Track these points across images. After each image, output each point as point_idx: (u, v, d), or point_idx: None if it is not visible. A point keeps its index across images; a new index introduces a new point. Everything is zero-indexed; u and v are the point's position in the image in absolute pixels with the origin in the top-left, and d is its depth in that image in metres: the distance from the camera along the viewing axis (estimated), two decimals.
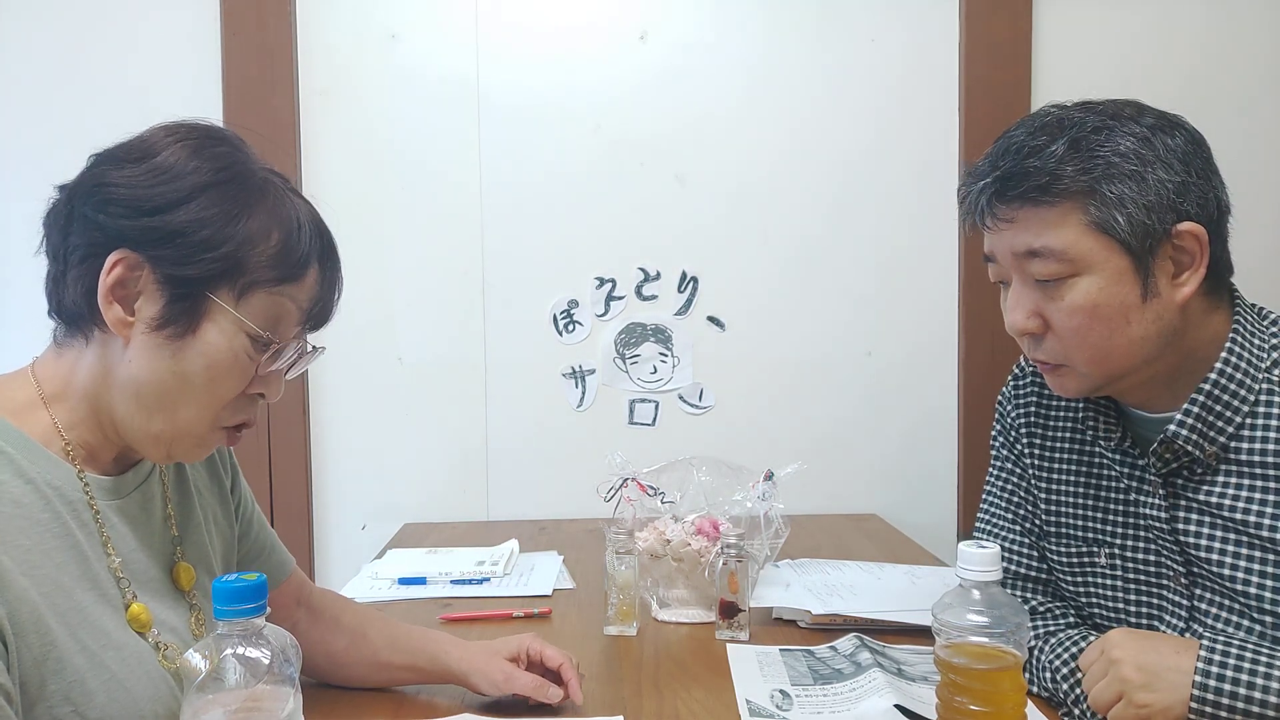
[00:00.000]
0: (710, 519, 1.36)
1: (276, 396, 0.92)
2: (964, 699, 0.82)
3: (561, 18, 2.00)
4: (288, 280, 0.87)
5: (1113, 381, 1.00)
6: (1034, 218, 0.96)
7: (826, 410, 2.07)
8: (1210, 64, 2.04)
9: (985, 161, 1.00)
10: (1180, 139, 0.95)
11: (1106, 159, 0.93)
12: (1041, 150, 0.95)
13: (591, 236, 2.03)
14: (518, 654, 1.06)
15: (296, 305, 0.89)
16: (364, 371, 2.03)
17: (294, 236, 0.87)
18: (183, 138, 0.86)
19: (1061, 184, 0.94)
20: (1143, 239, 0.93)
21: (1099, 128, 0.95)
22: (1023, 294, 1.00)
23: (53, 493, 0.82)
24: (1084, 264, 0.95)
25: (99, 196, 0.83)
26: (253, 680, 0.69)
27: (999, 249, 1.00)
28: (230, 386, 0.87)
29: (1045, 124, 0.97)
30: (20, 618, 0.76)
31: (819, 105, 2.03)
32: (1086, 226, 0.94)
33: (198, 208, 0.83)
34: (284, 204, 0.88)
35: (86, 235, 0.83)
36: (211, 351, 0.85)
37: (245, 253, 0.84)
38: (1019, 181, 0.96)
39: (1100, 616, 1.10)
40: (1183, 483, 1.01)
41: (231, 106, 1.96)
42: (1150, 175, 0.93)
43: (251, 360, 0.87)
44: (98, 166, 0.86)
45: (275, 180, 0.90)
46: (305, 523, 2.02)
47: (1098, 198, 0.93)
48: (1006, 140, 0.99)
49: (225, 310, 0.84)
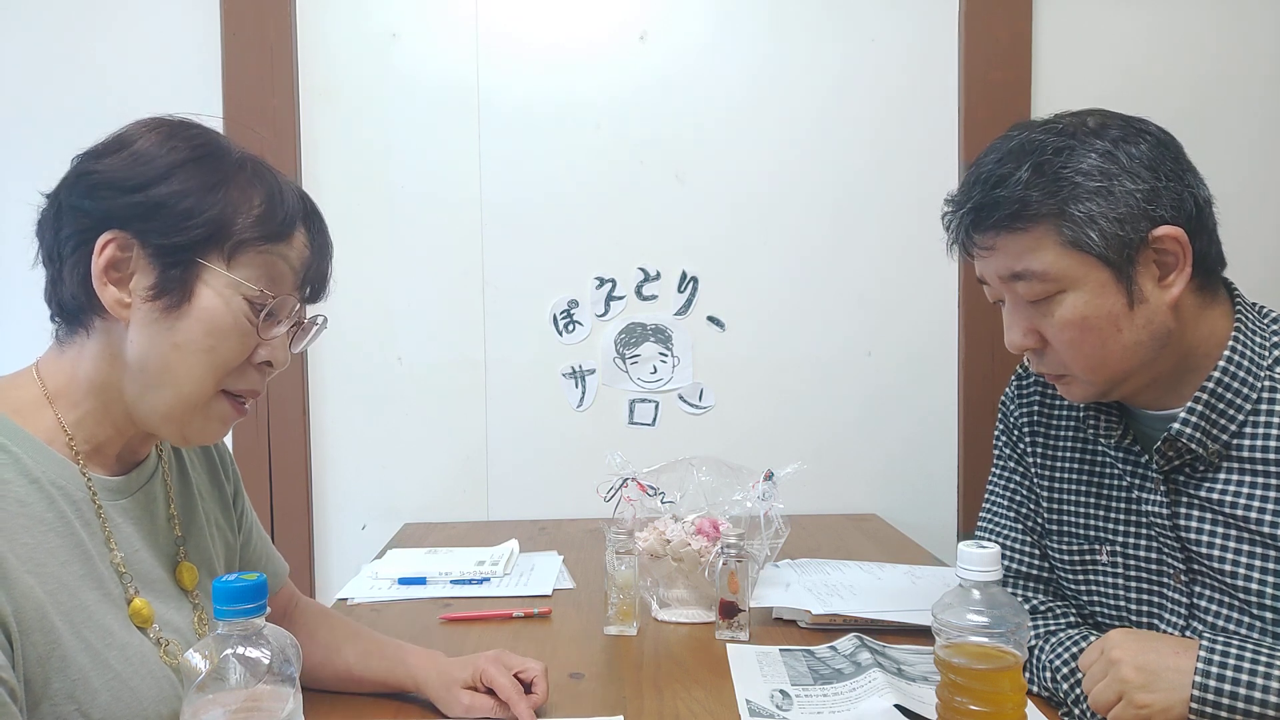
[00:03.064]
0: (710, 519, 1.36)
1: (284, 365, 0.92)
2: (964, 699, 0.83)
3: (562, 17, 2.00)
4: (275, 239, 0.89)
5: (1116, 386, 1.01)
6: (1011, 244, 0.98)
7: (827, 410, 2.07)
8: (1210, 64, 2.04)
9: (960, 191, 1.03)
10: (1145, 145, 0.96)
11: (1070, 180, 0.94)
12: (1007, 179, 0.96)
13: (591, 236, 2.03)
14: (474, 681, 1.04)
15: (288, 264, 0.90)
16: (364, 371, 2.03)
17: (276, 198, 0.89)
18: (157, 126, 0.89)
19: (1030, 210, 0.95)
20: (1119, 250, 0.94)
21: (1060, 148, 0.96)
22: (1016, 313, 1.02)
23: (57, 492, 0.83)
24: (1067, 281, 0.96)
25: (83, 184, 0.86)
26: (253, 680, 0.69)
27: (987, 274, 1.03)
28: (231, 351, 0.87)
29: (1010, 150, 0.98)
30: (25, 615, 0.76)
31: (819, 105, 2.03)
32: (1062, 246, 0.95)
33: (178, 181, 0.85)
34: (264, 173, 0.90)
35: (75, 224, 0.85)
36: (208, 316, 0.86)
37: (229, 216, 0.86)
38: (990, 211, 0.97)
39: (1101, 614, 1.11)
40: (1184, 480, 1.02)
41: (231, 106, 1.96)
42: (1117, 188, 0.94)
43: (251, 323, 0.88)
44: (80, 163, 0.88)
45: (254, 158, 0.92)
46: (305, 523, 2.02)
47: (1068, 218, 0.94)
48: (977, 169, 1.01)
49: (218, 273, 0.86)
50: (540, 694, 1.04)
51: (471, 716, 1.03)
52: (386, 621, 1.36)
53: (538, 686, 1.04)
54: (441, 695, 1.05)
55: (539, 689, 1.04)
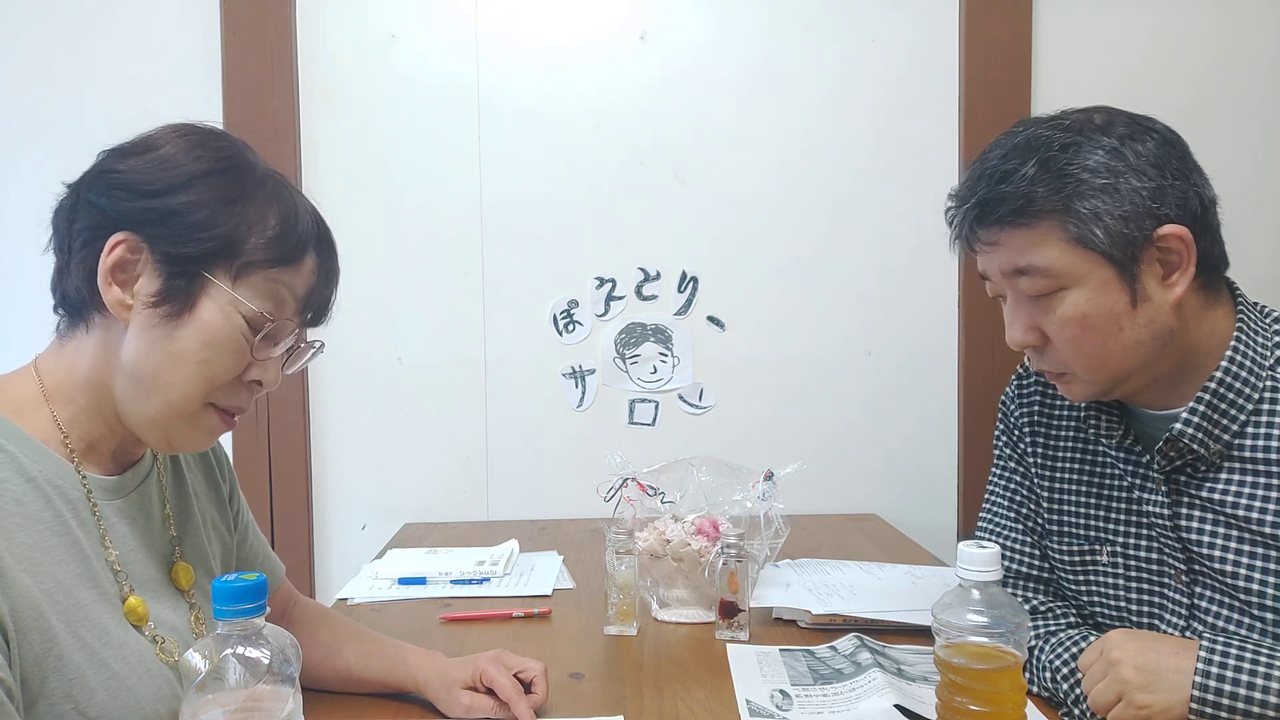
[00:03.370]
0: (710, 519, 1.36)
1: (274, 385, 0.92)
2: (964, 699, 0.82)
3: (561, 18, 2.00)
4: (283, 264, 0.88)
5: (1117, 385, 1.01)
6: (1015, 239, 0.97)
7: (827, 410, 2.07)
8: (1210, 64, 2.04)
9: (965, 186, 1.02)
10: (1152, 143, 0.96)
11: (1076, 176, 0.94)
12: (1013, 174, 0.96)
13: (591, 236, 2.03)
14: (474, 681, 1.04)
15: (292, 293, 0.90)
16: (364, 371, 2.03)
17: (291, 222, 0.89)
18: (187, 134, 0.89)
19: (1035, 205, 0.95)
20: (1124, 248, 0.94)
21: (1067, 144, 0.96)
22: (1018, 309, 1.02)
23: (53, 491, 0.83)
24: (1070, 278, 0.96)
25: (104, 182, 0.86)
26: (253, 680, 0.69)
27: (990, 269, 1.03)
28: (225, 365, 0.87)
29: (1016, 145, 0.98)
30: (21, 614, 0.76)
31: (819, 105, 2.03)
32: (1066, 243, 0.95)
33: (197, 191, 0.85)
34: (284, 194, 0.90)
35: (90, 219, 0.85)
36: (207, 329, 0.86)
37: (242, 234, 0.86)
38: (995, 207, 0.97)
39: (1101, 615, 1.11)
40: (1186, 480, 1.02)
41: (231, 106, 1.96)
42: (1123, 185, 0.94)
43: (247, 341, 0.88)
44: (105, 160, 0.88)
45: (277, 175, 0.92)
46: (305, 523, 2.02)
47: (1073, 214, 0.94)
48: (982, 164, 1.01)
49: (221, 290, 0.86)
50: (540, 694, 1.04)
51: (471, 717, 1.03)
52: (386, 621, 1.36)
53: (537, 686, 1.04)
54: (441, 696, 1.05)
55: (539, 689, 1.04)
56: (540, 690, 1.04)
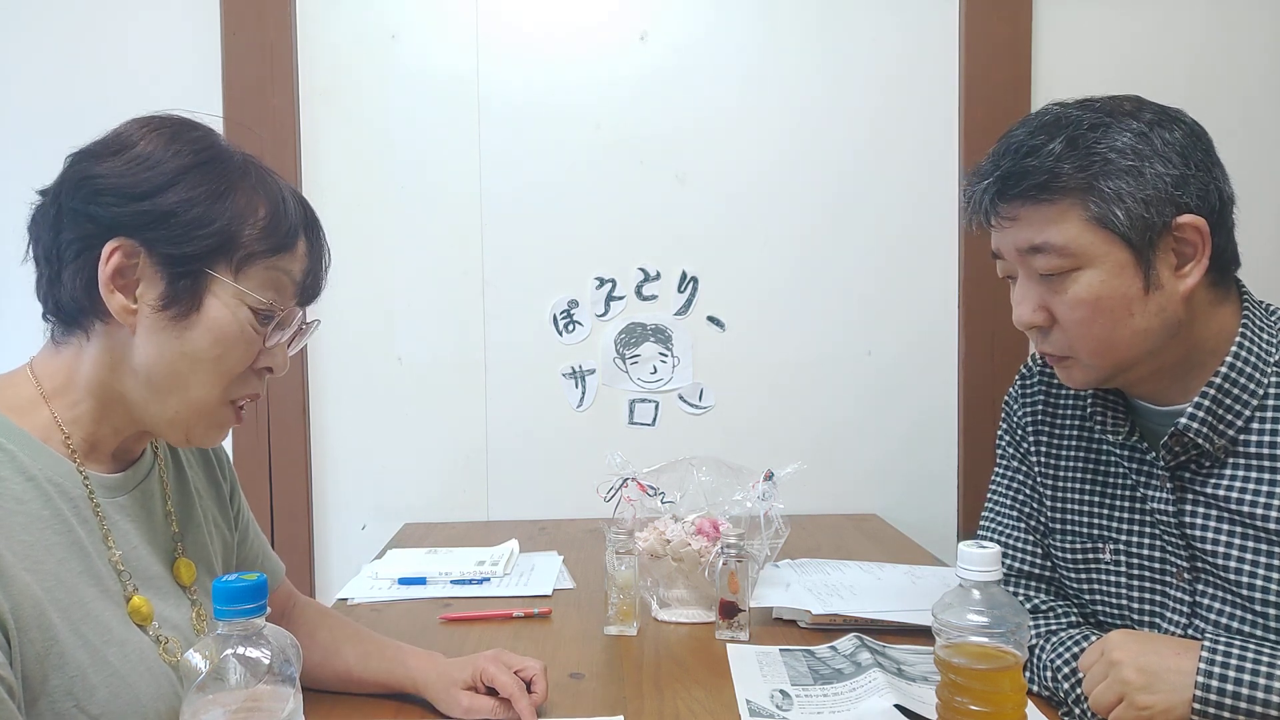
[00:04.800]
0: (710, 519, 1.36)
1: (283, 370, 0.94)
2: (964, 699, 0.82)
3: (562, 17, 2.00)
4: (280, 251, 0.89)
5: (1119, 372, 1.01)
6: (1035, 215, 0.97)
7: (826, 410, 2.07)
8: (1210, 64, 2.04)
9: (988, 161, 1.02)
10: (1179, 133, 0.96)
11: (1103, 155, 0.94)
12: (1040, 149, 0.96)
13: (591, 236, 2.03)
14: (474, 681, 1.04)
15: (290, 277, 0.91)
16: (364, 372, 2.03)
17: (280, 209, 0.90)
18: (156, 127, 0.88)
19: (1060, 181, 0.95)
20: (1142, 232, 0.94)
21: (1096, 124, 0.96)
22: (1028, 288, 1.01)
23: (54, 489, 0.83)
24: (1085, 258, 0.96)
25: (87, 189, 0.84)
26: (253, 680, 0.69)
27: (1004, 246, 1.02)
28: (237, 359, 0.88)
29: (1044, 123, 0.99)
30: (23, 612, 0.76)
31: (819, 104, 2.03)
32: (1086, 222, 0.95)
33: (185, 188, 0.85)
34: (266, 180, 0.91)
35: (79, 229, 0.84)
36: (217, 326, 0.86)
37: (237, 227, 0.86)
38: (1019, 180, 0.97)
39: (1103, 613, 1.11)
40: (1190, 476, 1.02)
41: (231, 106, 1.96)
42: (1148, 170, 0.94)
43: (257, 332, 0.89)
44: (78, 164, 0.86)
45: (252, 160, 0.92)
46: (305, 523, 2.02)
47: (1096, 193, 0.94)
48: (1007, 140, 1.01)
49: (226, 284, 0.86)
50: (540, 693, 1.04)
51: (471, 717, 1.03)
52: (386, 622, 1.36)
53: (537, 685, 1.04)
54: (441, 696, 1.05)
55: (538, 688, 1.04)
56: (540, 689, 1.04)
